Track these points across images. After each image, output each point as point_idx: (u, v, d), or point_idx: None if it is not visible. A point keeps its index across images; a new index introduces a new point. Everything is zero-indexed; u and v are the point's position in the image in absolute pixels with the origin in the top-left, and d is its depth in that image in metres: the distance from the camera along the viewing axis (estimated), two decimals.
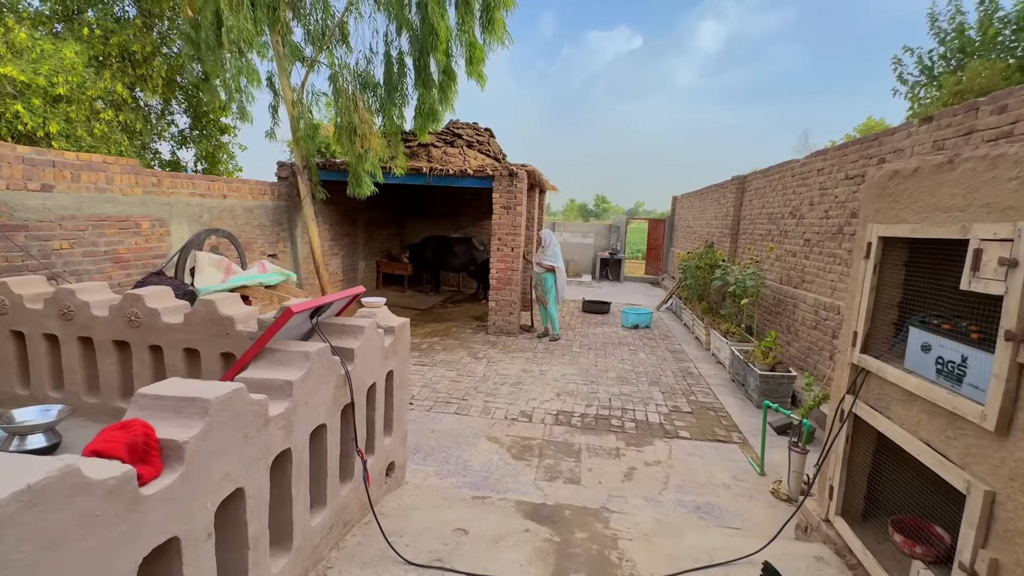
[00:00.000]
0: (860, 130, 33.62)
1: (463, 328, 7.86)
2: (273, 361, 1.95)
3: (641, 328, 8.46)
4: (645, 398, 5.12)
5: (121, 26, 7.46)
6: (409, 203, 11.72)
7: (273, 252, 7.26)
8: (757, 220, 7.57)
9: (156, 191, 5.26)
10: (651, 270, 16.26)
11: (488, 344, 6.97)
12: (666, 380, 5.75)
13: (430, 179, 7.41)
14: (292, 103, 6.58)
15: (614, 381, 5.63)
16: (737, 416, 4.74)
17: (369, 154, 6.07)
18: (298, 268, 7.87)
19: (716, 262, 6.98)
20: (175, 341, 3.03)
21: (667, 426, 4.45)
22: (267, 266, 4.61)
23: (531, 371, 5.86)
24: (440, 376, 5.51)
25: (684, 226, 13.49)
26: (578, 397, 5.06)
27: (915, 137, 3.97)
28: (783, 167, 6.72)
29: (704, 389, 5.50)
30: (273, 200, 7.18)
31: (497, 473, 3.49)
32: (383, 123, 6.59)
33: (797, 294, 5.76)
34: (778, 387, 4.89)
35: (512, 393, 5.08)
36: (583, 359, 6.48)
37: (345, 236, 9.39)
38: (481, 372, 5.73)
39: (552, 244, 7.26)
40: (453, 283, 11.70)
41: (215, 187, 6.07)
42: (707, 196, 11.06)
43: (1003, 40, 9.63)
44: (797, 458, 3.25)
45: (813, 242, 5.58)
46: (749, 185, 8.10)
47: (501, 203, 7.25)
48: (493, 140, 9.03)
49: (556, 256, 7.20)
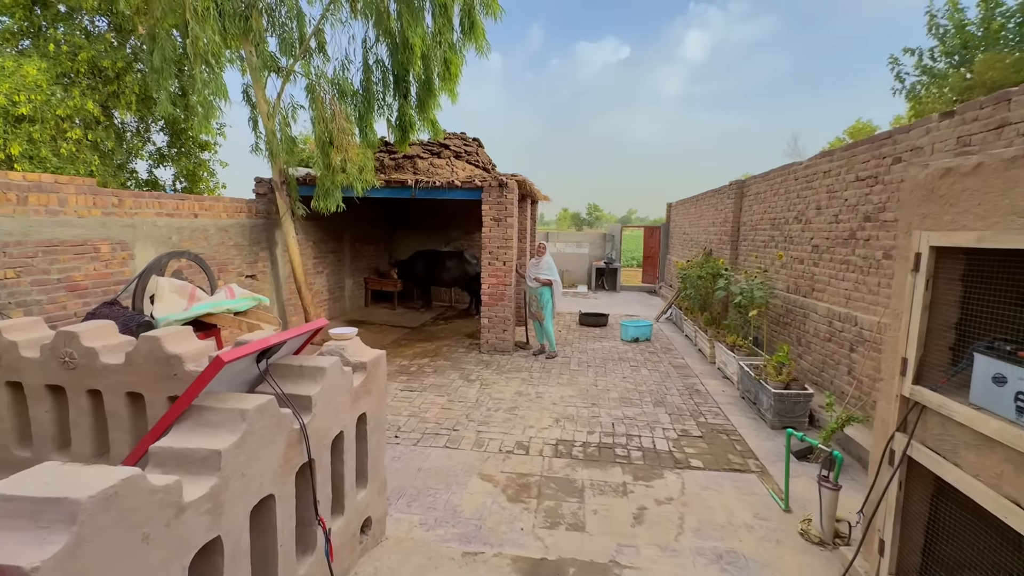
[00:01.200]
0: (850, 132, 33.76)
1: (455, 347, 7.47)
2: (200, 423, 1.56)
3: (641, 341, 8.10)
4: (651, 421, 4.74)
5: (91, 41, 7.12)
6: (397, 217, 11.37)
7: (252, 273, 6.87)
8: (759, 226, 7.26)
9: (117, 212, 4.88)
10: (648, 278, 15.95)
11: (481, 364, 6.58)
12: (672, 399, 5.37)
13: (416, 192, 7.07)
14: (267, 115, 6.23)
15: (616, 403, 5.25)
16: (752, 440, 4.36)
17: (347, 166, 5.71)
18: (279, 289, 7.48)
19: (719, 271, 6.65)
20: (115, 384, 2.63)
21: (677, 454, 4.07)
22: (235, 291, 4.22)
23: (527, 394, 5.47)
24: (429, 403, 5.11)
25: (680, 233, 13.21)
26: (579, 423, 4.68)
27: (935, 134, 3.66)
28: (785, 170, 6.43)
29: (713, 408, 5.13)
30: (250, 218, 6.80)
31: (491, 520, 3.09)
32: (363, 133, 6.25)
33: (807, 304, 5.42)
34: (794, 406, 4.52)
35: (507, 420, 4.69)
36: (582, 378, 6.10)
37: (330, 253, 9.01)
38: (474, 397, 5.34)
39: (548, 259, 6.98)
40: (445, 298, 11.32)
41: (185, 206, 5.69)
42: (704, 202, 10.78)
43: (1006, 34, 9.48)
44: (829, 495, 2.88)
45: (822, 248, 5.26)
46: (748, 190, 7.81)
47: (491, 215, 6.91)
48: (482, 150, 8.72)
49: (552, 269, 6.88)
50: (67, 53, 6.71)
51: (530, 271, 6.91)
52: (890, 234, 4.14)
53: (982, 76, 8.22)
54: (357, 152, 5.79)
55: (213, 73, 5.56)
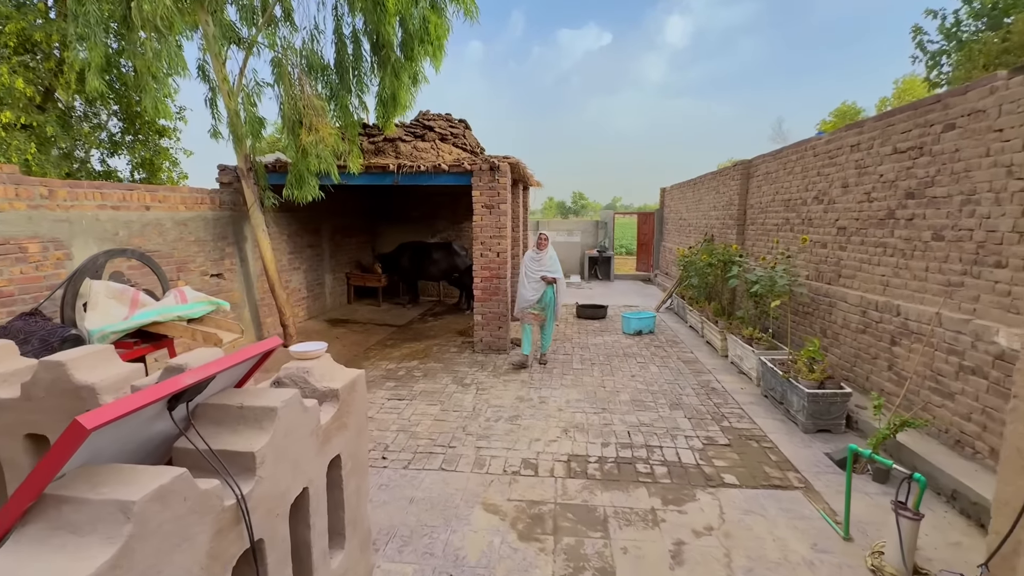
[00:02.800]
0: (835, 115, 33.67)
1: (446, 346, 6.89)
2: (54, 527, 0.97)
3: (645, 334, 7.61)
4: (670, 428, 4.24)
5: (21, 12, 6.29)
6: (380, 207, 10.68)
7: (218, 272, 6.19)
8: (769, 208, 6.77)
9: (48, 204, 4.17)
10: (642, 266, 15.49)
11: (476, 366, 6.02)
12: (688, 400, 4.88)
13: (399, 178, 6.42)
14: (228, 94, 5.52)
15: (629, 406, 4.73)
16: (786, 446, 3.88)
17: (319, 148, 5.04)
18: (250, 288, 6.80)
19: (730, 257, 6.16)
20: (10, 425, 2.02)
21: (707, 468, 3.57)
22: (188, 294, 3.58)
23: (529, 399, 4.93)
24: (421, 414, 4.54)
25: (676, 219, 12.74)
26: (590, 432, 4.15)
27: (1003, 93, 3.15)
28: (800, 147, 5.92)
29: (735, 409, 4.65)
30: (214, 210, 6.10)
31: (502, 568, 2.55)
32: (336, 112, 5.57)
33: (833, 291, 4.95)
34: (830, 407, 4.05)
35: (510, 432, 4.15)
36: (587, 378, 5.58)
37: (308, 248, 8.32)
38: (470, 404, 4.78)
39: (551, 252, 6.08)
40: (433, 292, 10.71)
41: (133, 197, 4.98)
42: (703, 185, 10.29)
43: None
44: (909, 526, 2.39)
45: (851, 230, 4.77)
46: (756, 170, 7.31)
47: (483, 202, 6.30)
48: (469, 132, 8.08)
49: (556, 264, 6.01)
50: None
51: (529, 266, 5.94)
52: (941, 212, 3.65)
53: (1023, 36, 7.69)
54: (330, 133, 5.12)
55: (165, 41, 4.83)
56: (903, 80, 30.14)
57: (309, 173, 5.23)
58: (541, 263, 5.95)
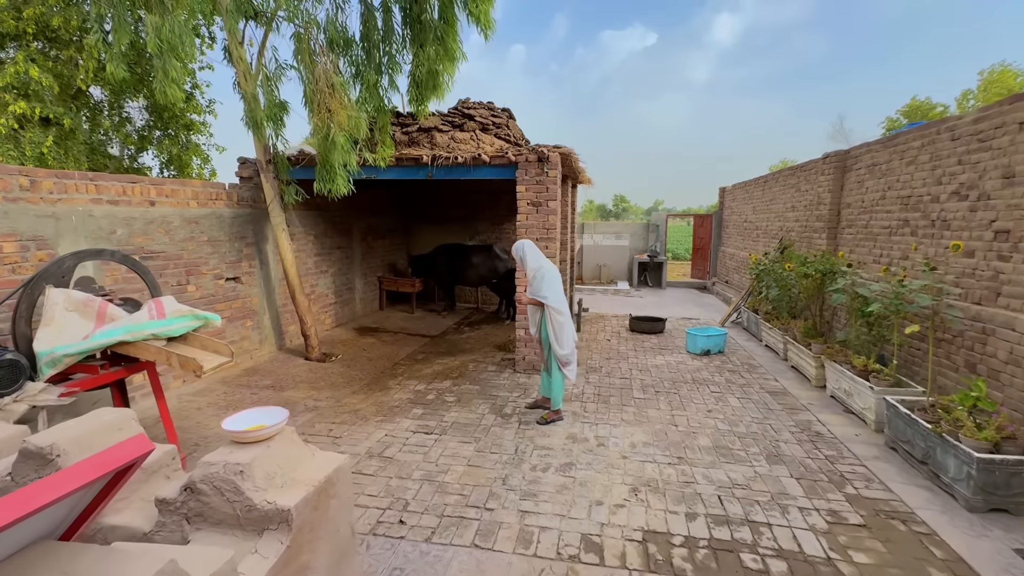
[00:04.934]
0: (904, 112, 30.94)
1: (483, 363, 6.05)
2: None
3: (714, 354, 6.52)
4: (776, 493, 3.21)
5: None
6: (415, 206, 10.01)
7: (234, 275, 5.59)
8: (877, 207, 5.57)
9: (29, 197, 3.61)
10: (697, 273, 14.21)
11: (518, 389, 5.14)
12: (790, 450, 3.82)
13: (433, 171, 5.65)
14: (245, 75, 4.90)
15: (712, 454, 3.73)
16: (949, 533, 2.79)
17: (334, 133, 4.31)
18: (271, 294, 6.19)
19: (832, 267, 5.02)
20: None
21: (843, 566, 2.54)
22: (166, 306, 2.89)
23: (583, 438, 4.01)
24: (451, 456, 3.70)
25: (739, 222, 11.46)
26: (668, 494, 3.19)
27: None
28: (927, 131, 4.73)
29: (855, 466, 3.56)
30: (231, 207, 5.51)
31: None
32: (363, 93, 4.84)
33: (989, 315, 3.77)
34: (1010, 479, 2.92)
35: (563, 490, 3.24)
36: (652, 411, 4.59)
37: (337, 249, 7.70)
38: (511, 443, 3.90)
39: (530, 259, 4.24)
40: (471, 298, 9.93)
41: (136, 191, 4.41)
42: (777, 183, 9.04)
43: None
44: None
45: (1018, 234, 3.59)
46: (857, 162, 6.10)
47: (528, 198, 5.43)
48: (513, 123, 7.24)
49: (544, 279, 4.09)
50: (7, 9, 5.50)
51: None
52: None
53: None
54: (349, 115, 4.37)
55: (169, 16, 4.23)
56: (990, 71, 27.32)
57: (338, 165, 4.51)
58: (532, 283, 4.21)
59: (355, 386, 5.24)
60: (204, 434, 3.99)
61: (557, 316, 4.13)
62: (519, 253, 4.31)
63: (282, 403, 4.69)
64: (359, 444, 3.86)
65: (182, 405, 4.55)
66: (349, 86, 4.68)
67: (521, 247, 4.32)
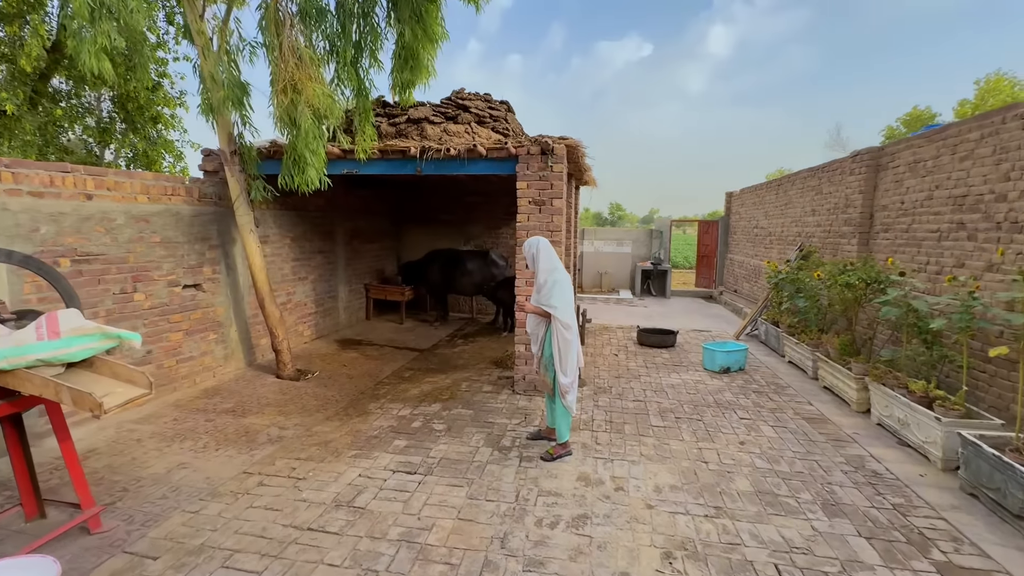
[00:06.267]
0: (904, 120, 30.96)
1: (478, 382, 5.37)
2: None
3: (734, 372, 5.87)
4: (845, 559, 2.54)
5: None
6: (406, 208, 9.36)
7: (194, 281, 4.91)
8: (920, 210, 4.97)
9: None
10: (702, 282, 13.60)
11: (518, 414, 4.47)
12: (848, 495, 3.16)
13: (423, 165, 5.00)
14: (204, 51, 4.25)
15: (755, 502, 3.06)
16: None
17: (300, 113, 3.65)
18: (239, 302, 5.50)
19: (877, 276, 4.40)
20: None
21: None
22: (61, 324, 2.20)
23: (598, 480, 3.33)
24: (438, 504, 3.01)
25: (749, 228, 10.88)
26: (711, 562, 2.51)
27: None
28: (990, 118, 4.14)
29: (933, 520, 2.90)
30: (191, 203, 4.83)
31: None
32: (340, 71, 4.19)
33: None
34: None
35: (577, 556, 2.55)
36: (675, 442, 3.93)
37: (318, 254, 7.02)
38: (511, 488, 3.22)
39: (543, 260, 3.54)
40: (464, 307, 9.25)
41: (67, 181, 3.73)
42: (791, 186, 8.46)
43: None
44: None
45: None
46: (893, 159, 5.51)
47: (530, 196, 4.79)
48: (512, 116, 6.62)
49: (556, 286, 3.45)
50: None
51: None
52: None
53: None
54: (320, 93, 3.72)
55: None
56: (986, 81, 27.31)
57: (308, 153, 3.84)
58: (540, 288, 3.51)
59: (330, 410, 4.54)
60: (138, 475, 3.28)
61: (564, 332, 3.46)
62: (530, 250, 3.60)
63: (241, 431, 3.99)
64: (325, 488, 3.16)
65: (119, 436, 3.84)
66: (323, 63, 4.04)
67: (535, 244, 3.59)
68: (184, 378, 4.85)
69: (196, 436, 3.90)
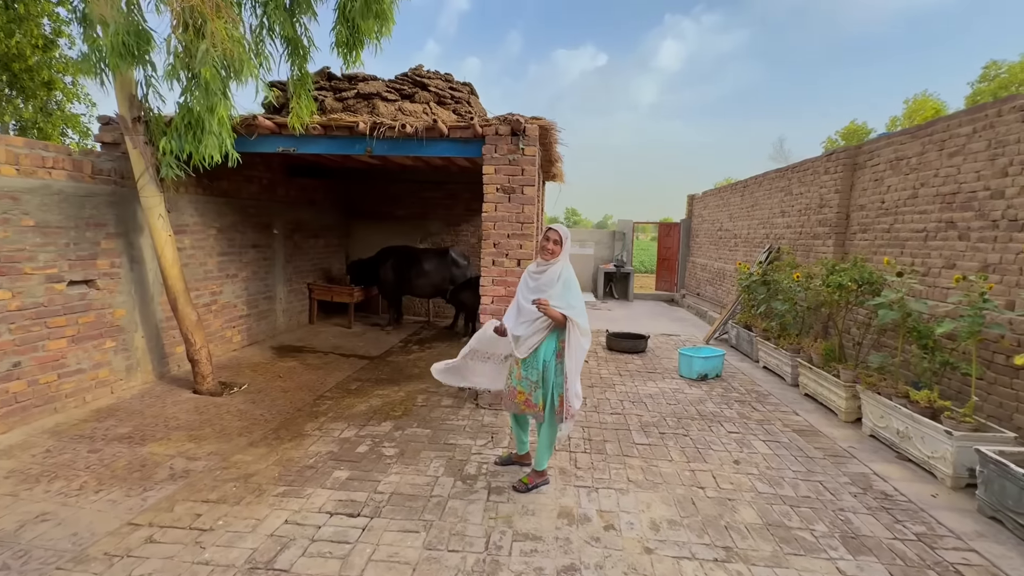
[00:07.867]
0: (843, 134, 33.03)
1: (436, 394, 4.72)
2: None
3: (711, 379, 5.52)
4: None
5: None
6: (356, 201, 8.55)
7: (84, 277, 3.99)
8: (902, 209, 4.78)
9: None
10: (663, 285, 13.47)
11: (483, 434, 3.86)
12: (865, 525, 2.76)
13: (373, 144, 4.31)
14: None
15: (766, 538, 2.60)
16: None
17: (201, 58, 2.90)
18: (148, 302, 4.59)
19: (870, 278, 4.12)
20: None
21: None
22: None
23: (583, 514, 2.78)
24: (385, 561, 2.35)
25: (712, 231, 10.77)
26: None
27: None
28: (983, 112, 3.94)
29: (963, 552, 2.54)
30: (79, 180, 3.92)
31: None
32: (261, 19, 3.45)
33: None
34: None
35: None
36: (664, 463, 3.45)
37: (251, 248, 6.13)
38: (479, 531, 2.61)
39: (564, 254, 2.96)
40: (420, 309, 8.54)
41: None
42: (758, 188, 8.33)
43: None
44: None
45: None
46: (872, 158, 5.33)
47: (498, 182, 4.21)
48: (475, 99, 6.01)
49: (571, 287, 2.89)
50: None
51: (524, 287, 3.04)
52: None
53: None
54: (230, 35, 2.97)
55: None
56: (914, 100, 29.58)
57: (210, 116, 3.08)
58: (542, 281, 2.92)
59: (256, 433, 3.76)
60: None
61: (583, 340, 2.85)
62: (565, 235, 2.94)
63: (135, 465, 3.16)
64: (238, 543, 2.43)
65: None
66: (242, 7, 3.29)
67: (566, 232, 2.96)
68: (70, 396, 3.92)
69: (72, 474, 3.04)
